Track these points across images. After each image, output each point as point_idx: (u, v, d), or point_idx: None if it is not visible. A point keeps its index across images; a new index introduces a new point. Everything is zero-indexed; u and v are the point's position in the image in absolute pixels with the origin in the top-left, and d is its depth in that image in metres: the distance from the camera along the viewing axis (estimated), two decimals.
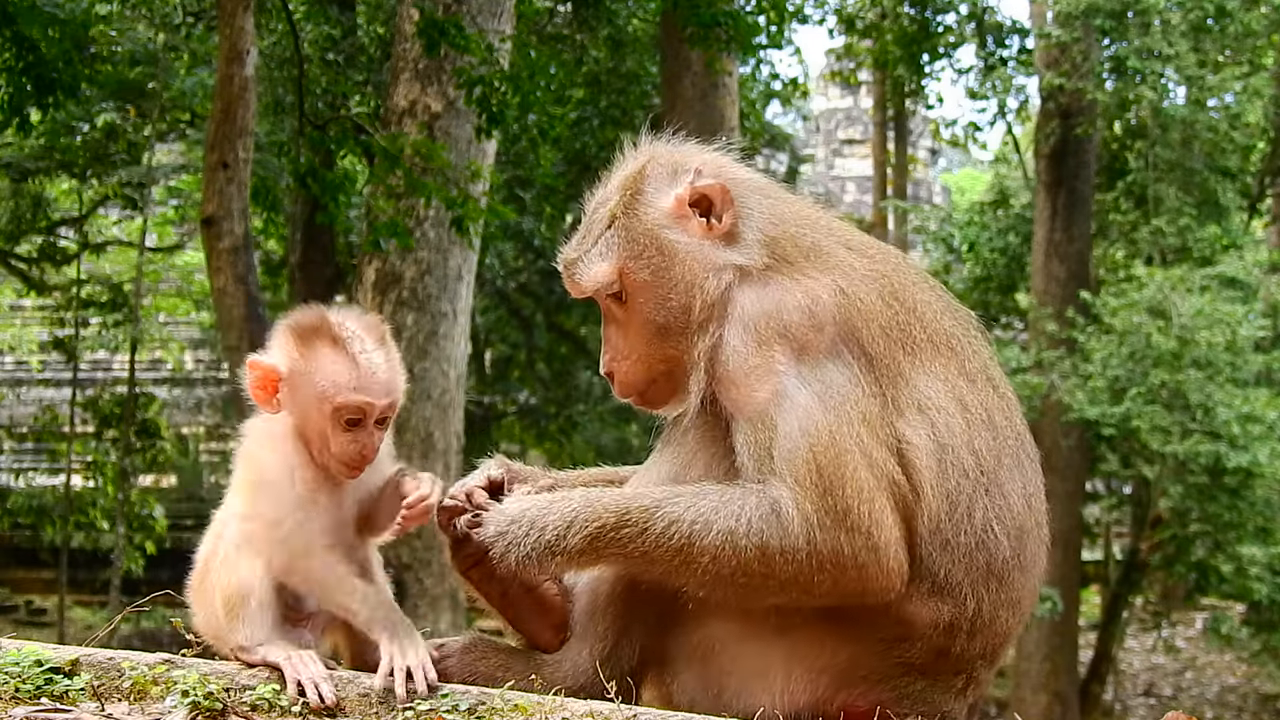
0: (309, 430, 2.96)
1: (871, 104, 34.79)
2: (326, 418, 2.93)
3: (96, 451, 23.42)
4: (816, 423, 2.96)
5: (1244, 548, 18.02)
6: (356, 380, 2.94)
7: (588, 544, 2.98)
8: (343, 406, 2.92)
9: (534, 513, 3.03)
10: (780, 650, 3.09)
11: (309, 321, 3.00)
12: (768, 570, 2.92)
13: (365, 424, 2.96)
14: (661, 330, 3.21)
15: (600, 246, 3.27)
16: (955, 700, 3.16)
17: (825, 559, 2.91)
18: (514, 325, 23.78)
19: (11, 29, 11.55)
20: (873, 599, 2.99)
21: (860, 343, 3.08)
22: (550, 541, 2.98)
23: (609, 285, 3.24)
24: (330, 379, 2.93)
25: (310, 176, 12.75)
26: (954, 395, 3.13)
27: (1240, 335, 17.78)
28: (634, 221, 3.26)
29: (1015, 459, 3.20)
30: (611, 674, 3.02)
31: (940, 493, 3.04)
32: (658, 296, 3.20)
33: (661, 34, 18.97)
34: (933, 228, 25.81)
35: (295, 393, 2.96)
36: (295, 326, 3.01)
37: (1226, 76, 19.95)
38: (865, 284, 3.17)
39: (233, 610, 2.87)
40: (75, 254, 23.60)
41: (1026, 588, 3.18)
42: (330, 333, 2.95)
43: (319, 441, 2.95)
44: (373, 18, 19.91)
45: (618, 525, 2.97)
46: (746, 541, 2.91)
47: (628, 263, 3.23)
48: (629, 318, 3.25)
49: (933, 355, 3.16)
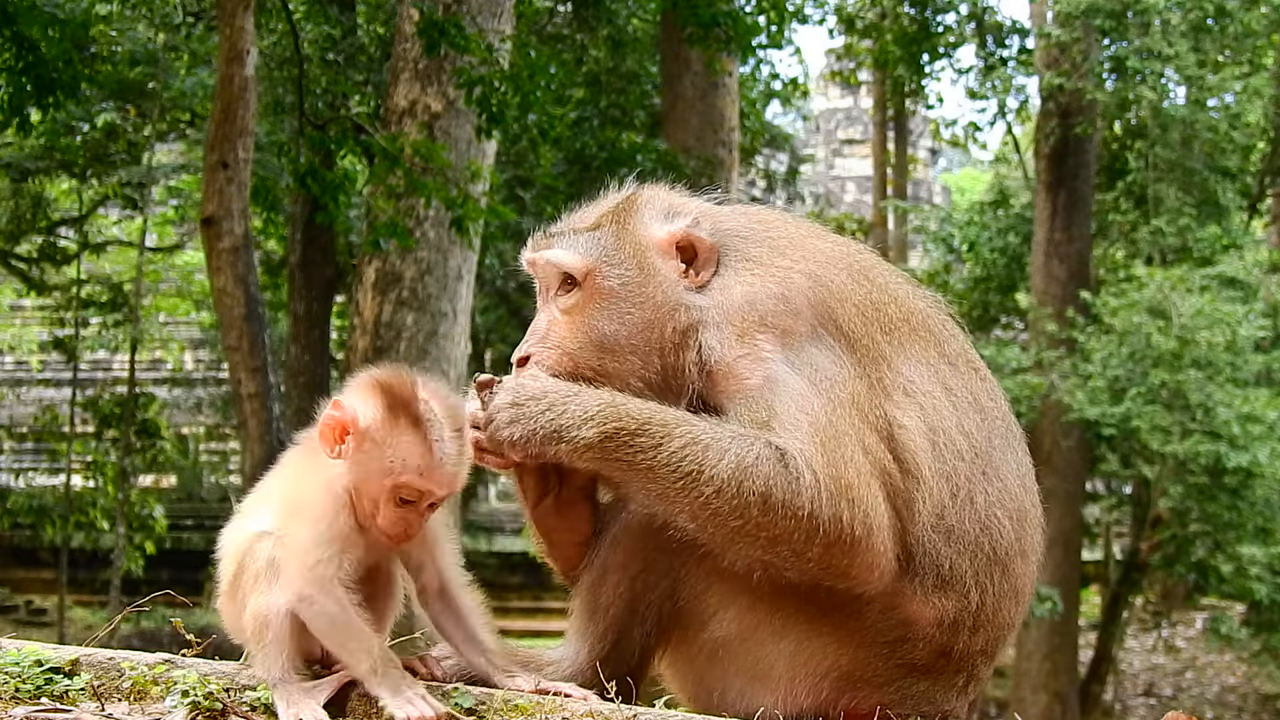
0: (363, 492, 2.91)
1: (871, 104, 34.79)
2: (384, 490, 2.89)
3: (96, 451, 23.43)
4: (812, 405, 2.96)
5: (1244, 548, 18.03)
6: (426, 467, 2.89)
7: (600, 441, 2.94)
8: (403, 487, 2.89)
9: (555, 395, 3.00)
10: (782, 653, 3.08)
11: (400, 389, 2.93)
12: (766, 518, 2.88)
13: (418, 505, 2.93)
14: (603, 342, 3.17)
15: (581, 240, 3.26)
16: (957, 698, 3.16)
17: (822, 523, 2.87)
18: (514, 325, 23.77)
19: (11, 29, 11.56)
20: (857, 582, 2.95)
21: (838, 323, 3.09)
22: (564, 426, 2.96)
23: (575, 271, 3.21)
24: (401, 457, 2.88)
25: (310, 176, 12.74)
26: (938, 379, 3.14)
27: (1240, 335, 17.78)
28: (621, 233, 3.26)
29: (1005, 440, 3.21)
30: (611, 674, 3.00)
31: (939, 476, 3.03)
32: (617, 309, 3.18)
33: (661, 34, 18.98)
34: (933, 228, 25.82)
35: (363, 453, 2.91)
36: (386, 389, 2.94)
37: (1226, 76, 19.96)
38: (833, 266, 3.19)
39: (257, 635, 2.84)
40: (75, 254, 23.61)
41: (1027, 575, 3.18)
42: (416, 410, 2.91)
43: (369, 506, 2.91)
44: (373, 18, 19.92)
45: (636, 431, 2.93)
46: (753, 483, 2.87)
47: (602, 265, 3.22)
48: (574, 317, 3.21)
49: (911, 337, 3.18)
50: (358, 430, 2.90)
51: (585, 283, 3.21)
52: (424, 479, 2.88)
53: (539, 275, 3.31)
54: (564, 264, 3.23)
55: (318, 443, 2.95)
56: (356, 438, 2.90)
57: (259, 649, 2.83)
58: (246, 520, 2.97)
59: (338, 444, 2.92)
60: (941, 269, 25.03)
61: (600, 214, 3.32)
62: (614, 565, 3.16)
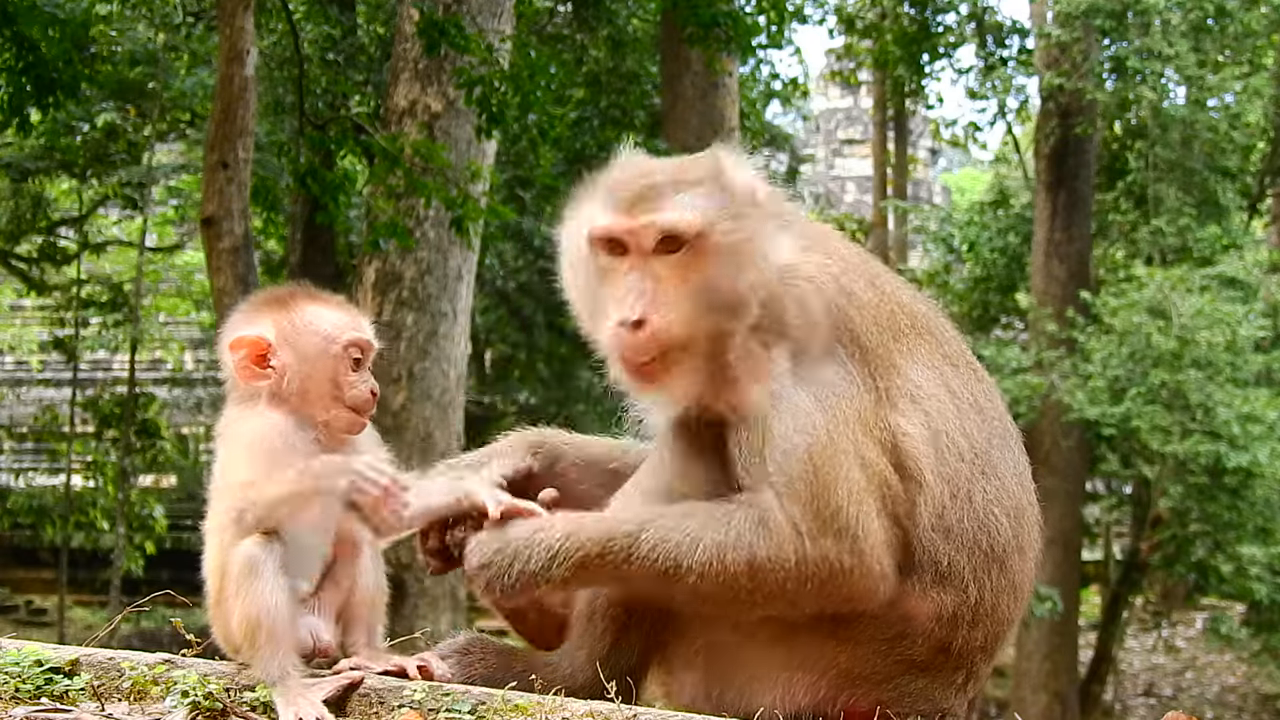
0: (315, 386, 3.00)
1: (871, 104, 34.79)
2: (338, 361, 3.02)
3: (96, 451, 23.42)
4: (814, 422, 2.96)
5: (1244, 548, 18.02)
6: (352, 321, 3.09)
7: (573, 573, 2.97)
8: (353, 343, 3.03)
9: (516, 543, 2.99)
10: (780, 651, 3.08)
11: (278, 291, 3.14)
12: (755, 583, 2.91)
13: (364, 363, 3.06)
14: (717, 302, 3.05)
15: (688, 195, 3.11)
16: (956, 697, 3.16)
17: (811, 566, 2.89)
18: (514, 325, 23.76)
19: (11, 29, 11.55)
20: (860, 605, 2.97)
21: (855, 335, 3.08)
22: (535, 572, 2.97)
23: (688, 232, 3.05)
24: (332, 324, 3.05)
25: (310, 176, 12.73)
26: (942, 382, 3.16)
27: (1240, 335, 17.78)
28: (737, 190, 3.15)
29: (1003, 440, 3.22)
30: (611, 674, 3.00)
31: (941, 478, 3.05)
32: (734, 268, 3.07)
33: (661, 34, 18.98)
34: (933, 228, 25.82)
35: (295, 352, 3.01)
36: (267, 299, 3.13)
37: (1226, 76, 19.96)
38: (853, 275, 3.18)
39: (249, 639, 2.84)
40: (75, 254, 23.59)
41: (1025, 571, 3.19)
42: (306, 292, 3.11)
43: (329, 393, 3.01)
44: (373, 18, 19.91)
45: (602, 554, 2.95)
46: (734, 555, 2.90)
47: (720, 221, 3.08)
48: (679, 276, 3.05)
49: (917, 341, 3.19)
50: (278, 338, 3.02)
51: (695, 242, 3.07)
52: (358, 329, 3.06)
53: (638, 238, 3.09)
54: (678, 226, 3.06)
55: (233, 414, 3.06)
56: (279, 344, 3.02)
57: (254, 652, 2.83)
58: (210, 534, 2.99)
59: (262, 368, 3.02)
60: (941, 269, 25.02)
61: (705, 167, 3.21)
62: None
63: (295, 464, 2.91)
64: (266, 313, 3.07)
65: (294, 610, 2.88)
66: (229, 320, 3.14)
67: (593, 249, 3.14)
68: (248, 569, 2.84)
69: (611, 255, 3.10)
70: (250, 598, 2.82)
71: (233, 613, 2.85)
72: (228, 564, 2.88)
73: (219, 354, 3.13)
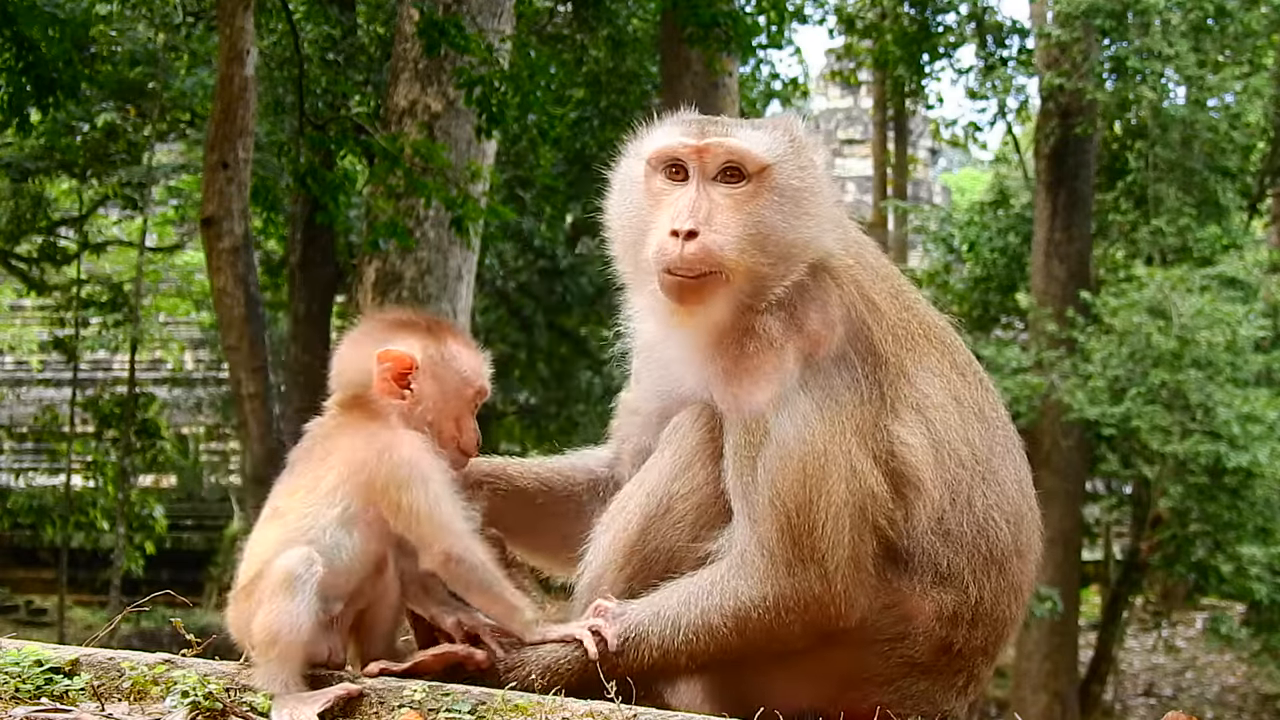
0: (442, 421, 3.04)
1: (871, 104, 34.77)
2: (465, 402, 3.07)
3: (96, 451, 23.43)
4: (812, 431, 2.97)
5: (1244, 548, 18.01)
6: (485, 368, 3.16)
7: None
8: (482, 390, 3.11)
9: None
10: (781, 652, 3.07)
11: (425, 317, 3.15)
12: (741, 631, 2.96)
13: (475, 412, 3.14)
14: (766, 241, 3.06)
15: (760, 132, 3.16)
16: (956, 699, 3.17)
17: (786, 598, 2.94)
18: (514, 325, 23.75)
19: (11, 29, 11.54)
20: (839, 623, 2.99)
21: (872, 344, 3.09)
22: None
23: (755, 163, 3.07)
24: (471, 366, 3.11)
25: (310, 176, 12.73)
26: (949, 390, 3.18)
27: (1240, 335, 17.77)
28: (805, 147, 3.21)
29: (1005, 447, 3.25)
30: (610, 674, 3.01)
31: (941, 484, 3.07)
32: (789, 215, 3.10)
33: (661, 34, 18.96)
34: (933, 228, 25.79)
35: (437, 383, 3.04)
36: (413, 322, 3.12)
37: (1226, 76, 19.95)
38: (879, 287, 3.21)
39: (264, 647, 2.82)
40: (75, 254, 23.59)
41: (1025, 574, 3.21)
42: (450, 326, 3.16)
43: (450, 429, 3.05)
44: (373, 18, 19.90)
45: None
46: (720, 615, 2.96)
47: (787, 160, 3.14)
48: (742, 206, 3.07)
49: (929, 350, 3.21)
50: (424, 363, 3.04)
51: (758, 176, 3.09)
52: (487, 378, 3.14)
53: (703, 160, 3.09)
54: (748, 154, 3.08)
55: (357, 413, 3.01)
56: (426, 370, 3.02)
57: (263, 660, 2.81)
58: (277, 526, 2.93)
59: (403, 386, 3.02)
60: (941, 269, 25.00)
61: (761, 121, 3.28)
62: (611, 564, 3.16)
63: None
64: (413, 336, 3.08)
65: (315, 633, 2.84)
66: (368, 327, 3.14)
67: (651, 171, 3.14)
68: (285, 584, 2.80)
69: (670, 180, 3.11)
70: (278, 613, 2.79)
71: (256, 615, 2.83)
72: (272, 565, 2.84)
73: (353, 359, 3.09)
